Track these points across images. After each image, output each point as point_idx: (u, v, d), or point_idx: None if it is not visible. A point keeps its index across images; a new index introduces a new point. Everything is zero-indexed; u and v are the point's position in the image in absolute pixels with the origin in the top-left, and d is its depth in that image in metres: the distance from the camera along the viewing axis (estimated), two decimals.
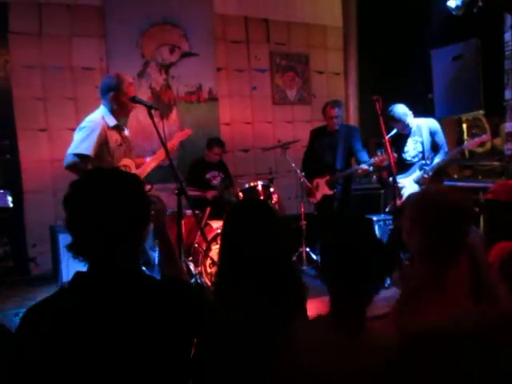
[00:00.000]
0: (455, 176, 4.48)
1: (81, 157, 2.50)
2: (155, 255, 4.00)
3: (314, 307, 1.52)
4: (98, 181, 1.07)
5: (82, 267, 1.09)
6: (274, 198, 3.89)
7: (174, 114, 4.83)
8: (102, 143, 2.58)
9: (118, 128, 2.74)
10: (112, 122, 2.67)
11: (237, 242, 1.33)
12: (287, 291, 1.31)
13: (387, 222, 4.02)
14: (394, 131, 3.71)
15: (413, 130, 3.71)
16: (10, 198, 1.51)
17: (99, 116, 2.65)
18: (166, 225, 1.46)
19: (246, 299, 1.23)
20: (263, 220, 1.36)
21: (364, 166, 3.79)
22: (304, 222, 4.11)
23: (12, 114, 4.14)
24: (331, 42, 5.68)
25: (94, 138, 2.53)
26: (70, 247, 1.04)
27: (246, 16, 5.17)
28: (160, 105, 4.51)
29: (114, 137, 2.67)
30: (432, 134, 3.67)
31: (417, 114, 3.72)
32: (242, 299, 1.23)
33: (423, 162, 3.69)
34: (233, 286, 1.28)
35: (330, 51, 5.70)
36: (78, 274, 1.05)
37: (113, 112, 2.67)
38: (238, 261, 1.31)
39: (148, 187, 1.38)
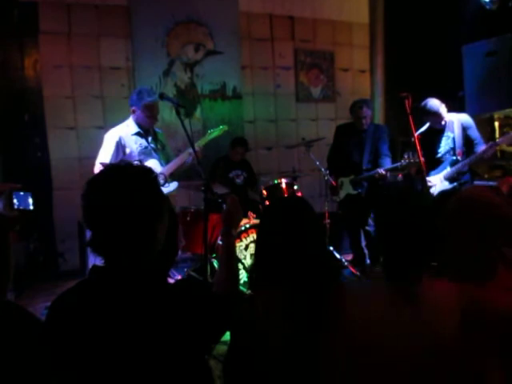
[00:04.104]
0: (486, 176, 4.33)
1: (103, 165, 2.96)
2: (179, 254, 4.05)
3: None
4: (110, 176, 1.09)
5: None
6: (298, 196, 3.87)
7: (198, 112, 4.87)
8: (120, 149, 3.07)
9: (141, 134, 3.15)
10: (134, 129, 3.13)
11: (274, 239, 1.29)
12: (326, 287, 1.28)
13: None
14: (425, 127, 3.60)
15: (445, 126, 3.60)
16: (31, 201, 1.52)
17: (120, 126, 3.15)
18: (235, 228, 1.40)
19: (285, 297, 1.20)
20: (302, 217, 1.32)
21: (381, 171, 3.79)
22: (328, 221, 4.07)
23: (42, 113, 4.26)
24: (357, 39, 5.59)
25: (109, 148, 3.06)
26: (89, 243, 1.07)
27: (271, 13, 5.14)
28: (184, 103, 4.54)
29: (138, 142, 3.14)
30: (465, 129, 3.55)
31: (447, 111, 3.61)
32: (281, 297, 1.20)
33: (454, 158, 3.57)
34: (269, 284, 1.25)
35: (356, 48, 5.61)
36: (94, 268, 1.08)
37: (136, 121, 3.14)
38: (275, 259, 1.27)
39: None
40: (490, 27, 3.94)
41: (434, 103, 3.53)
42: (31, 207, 1.50)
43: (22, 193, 1.49)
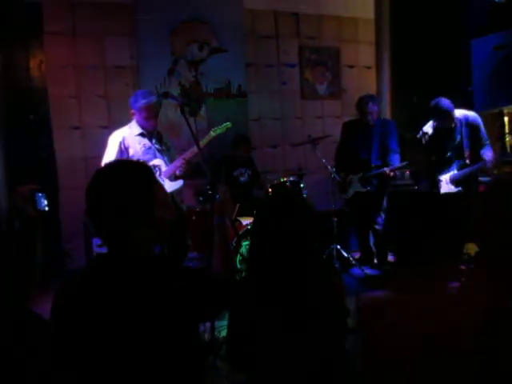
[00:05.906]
0: (495, 172, 4.26)
1: None
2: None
3: None
4: (100, 172, 1.19)
5: None
6: (304, 194, 3.85)
7: (202, 111, 4.84)
8: (124, 150, 3.11)
9: (144, 135, 3.15)
10: (137, 130, 3.14)
11: (263, 237, 1.39)
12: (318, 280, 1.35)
13: None
14: (430, 126, 3.55)
15: (454, 126, 3.54)
16: (45, 202, 1.54)
17: (123, 128, 3.16)
18: (226, 217, 1.45)
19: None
20: (288, 216, 1.40)
21: (386, 170, 3.76)
22: (335, 219, 4.03)
23: (48, 113, 4.26)
24: (363, 35, 5.53)
25: (113, 149, 3.09)
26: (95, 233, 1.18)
27: (276, 10, 5.10)
28: (189, 101, 4.53)
29: (141, 142, 3.14)
30: (473, 129, 3.49)
31: (455, 108, 3.55)
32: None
33: (462, 162, 3.51)
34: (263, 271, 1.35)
35: (362, 44, 5.55)
36: (98, 255, 1.17)
37: (138, 123, 3.15)
38: (266, 257, 1.37)
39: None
40: (499, 21, 3.87)
41: (448, 104, 3.44)
42: (46, 208, 1.53)
43: (40, 194, 1.52)
